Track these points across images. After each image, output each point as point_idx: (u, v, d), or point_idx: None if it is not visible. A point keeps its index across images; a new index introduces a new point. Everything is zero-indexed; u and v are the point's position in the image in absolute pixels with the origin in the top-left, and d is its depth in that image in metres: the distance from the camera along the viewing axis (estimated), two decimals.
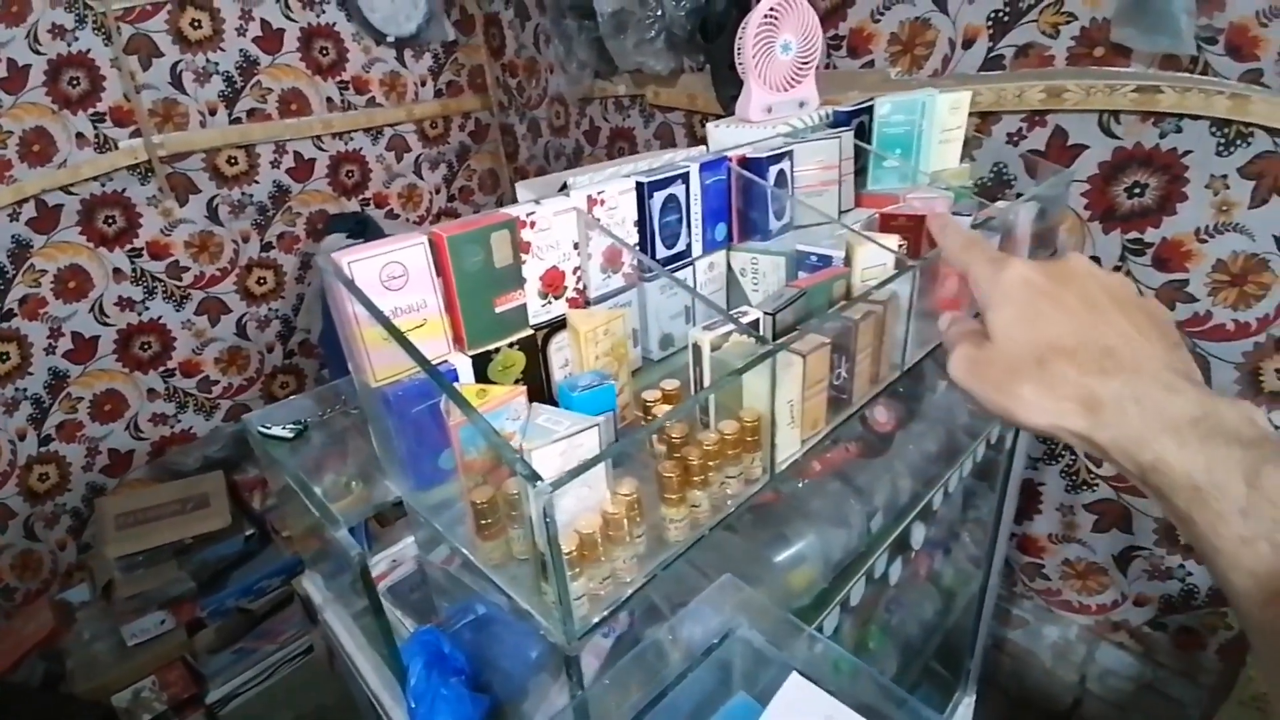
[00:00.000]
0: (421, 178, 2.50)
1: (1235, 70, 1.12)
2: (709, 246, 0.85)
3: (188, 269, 2.07)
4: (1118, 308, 0.34)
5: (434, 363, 0.61)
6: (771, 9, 0.95)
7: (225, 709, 1.88)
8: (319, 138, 2.21)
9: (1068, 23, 1.25)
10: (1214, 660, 1.46)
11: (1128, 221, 1.29)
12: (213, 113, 2.01)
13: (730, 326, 0.63)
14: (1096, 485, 1.50)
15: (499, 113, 2.59)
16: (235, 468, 2.08)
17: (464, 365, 0.61)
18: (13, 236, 1.76)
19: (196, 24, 1.92)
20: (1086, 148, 1.29)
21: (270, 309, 2.25)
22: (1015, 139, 1.38)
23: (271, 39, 2.06)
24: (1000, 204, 0.93)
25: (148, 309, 2.02)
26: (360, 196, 2.36)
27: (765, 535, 0.78)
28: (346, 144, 2.27)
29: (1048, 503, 1.58)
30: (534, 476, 0.41)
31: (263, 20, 2.03)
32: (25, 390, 1.86)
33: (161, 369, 2.09)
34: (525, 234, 0.64)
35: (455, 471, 0.55)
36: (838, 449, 0.80)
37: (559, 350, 0.70)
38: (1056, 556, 1.62)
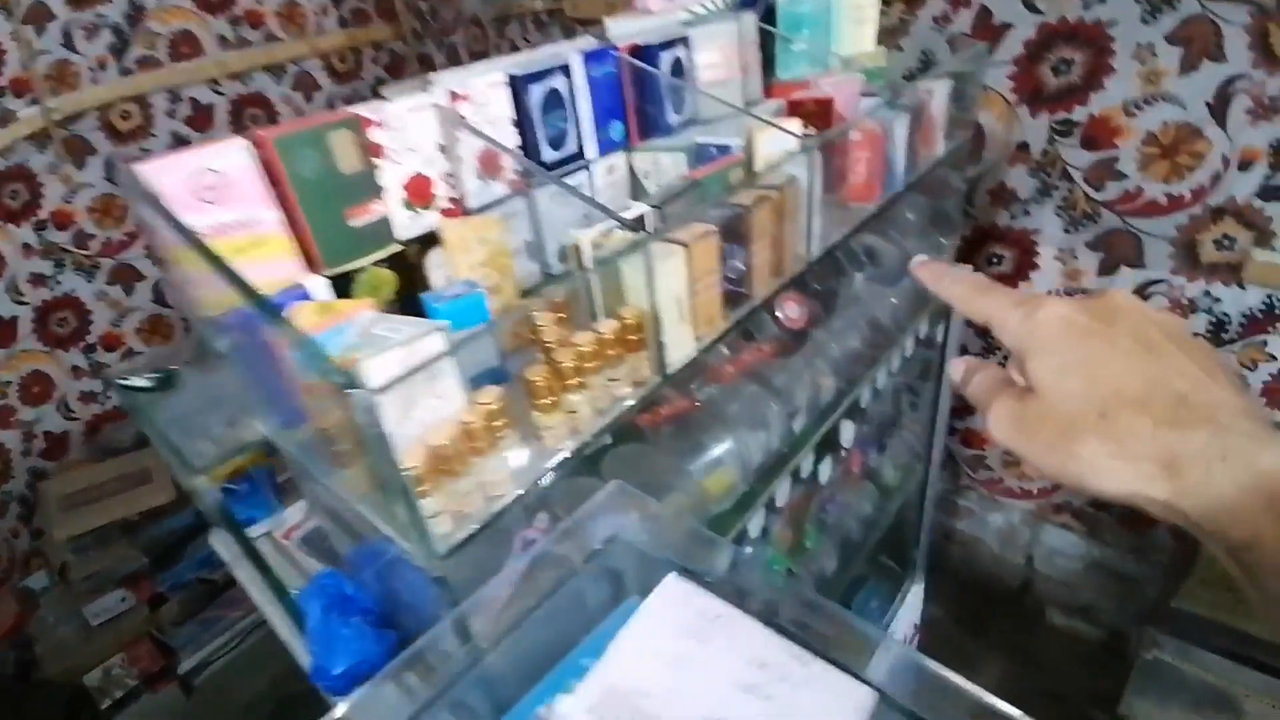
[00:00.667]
0: None
1: None
2: (605, 148, 0.79)
3: (93, 236, 1.93)
4: (1178, 347, 0.29)
5: (286, 287, 0.55)
6: None
7: (199, 678, 1.88)
8: (215, 81, 2.04)
9: None
10: (1166, 538, 1.50)
11: (1055, 102, 1.25)
12: (103, 67, 1.86)
13: (612, 224, 0.58)
14: None
15: (414, 41, 2.42)
16: None
17: (320, 287, 0.56)
18: None
19: None
20: (1011, 26, 1.24)
21: None
22: (941, 22, 1.31)
23: None
24: (917, 83, 0.88)
25: (59, 284, 1.91)
26: None
27: (681, 443, 0.76)
28: (246, 85, 2.11)
29: None
30: (349, 384, 0.37)
31: None
32: None
33: (82, 344, 1.99)
34: (375, 135, 0.57)
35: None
36: (750, 349, 0.77)
37: (439, 268, 0.65)
38: (998, 447, 1.65)
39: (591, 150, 0.78)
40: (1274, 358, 1.25)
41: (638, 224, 0.60)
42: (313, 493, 0.68)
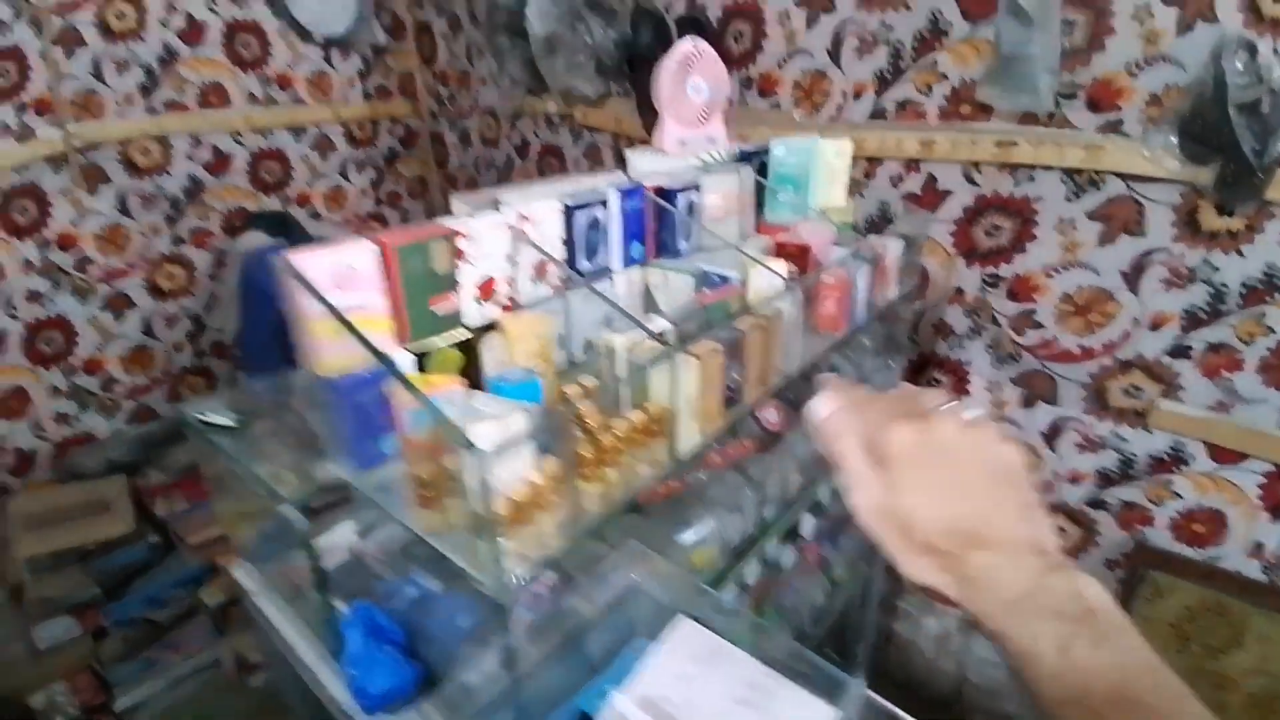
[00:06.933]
0: (348, 179, 2.50)
1: (1093, 122, 1.26)
2: (627, 263, 0.96)
3: (94, 262, 1.99)
4: (985, 485, 0.39)
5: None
6: (684, 56, 1.07)
7: (134, 718, 1.82)
8: (238, 133, 2.18)
9: (939, 82, 1.44)
10: None
11: (986, 259, 1.49)
12: (129, 102, 1.97)
13: (640, 333, 0.73)
14: None
15: (430, 120, 2.62)
16: (137, 472, 2.00)
17: (406, 360, 0.68)
18: None
19: (121, 15, 1.89)
20: (952, 193, 1.49)
21: (180, 306, 2.19)
22: (896, 182, 1.57)
23: (194, 31, 2.03)
24: (873, 238, 1.09)
25: (54, 303, 1.95)
26: (281, 194, 2.33)
27: (673, 520, 0.88)
28: (267, 139, 2.25)
29: None
30: (469, 444, 0.50)
31: (186, 13, 2.00)
32: None
33: (64, 365, 2.00)
34: (460, 243, 0.72)
35: (394, 453, 0.62)
36: (735, 444, 0.91)
37: (490, 350, 0.79)
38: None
39: (617, 264, 0.94)
40: (1179, 495, 1.38)
41: (662, 337, 0.76)
42: (360, 535, 0.77)
